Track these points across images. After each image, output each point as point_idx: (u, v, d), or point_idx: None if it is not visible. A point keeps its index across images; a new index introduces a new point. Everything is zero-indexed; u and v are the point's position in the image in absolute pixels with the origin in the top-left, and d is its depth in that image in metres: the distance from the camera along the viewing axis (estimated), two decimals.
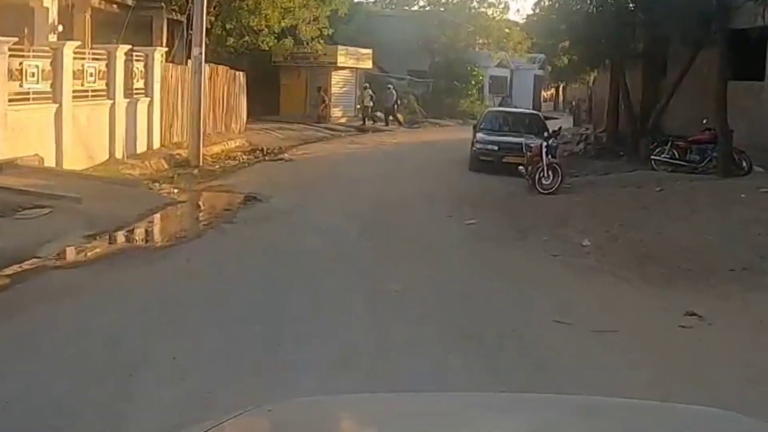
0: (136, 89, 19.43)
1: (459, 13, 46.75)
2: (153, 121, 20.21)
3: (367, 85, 36.65)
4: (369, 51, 38.29)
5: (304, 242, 10.74)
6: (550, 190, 15.68)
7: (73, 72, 16.19)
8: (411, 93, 42.17)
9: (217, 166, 20.21)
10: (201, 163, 20.21)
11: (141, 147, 19.71)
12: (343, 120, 37.28)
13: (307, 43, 31.57)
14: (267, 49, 29.58)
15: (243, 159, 22.35)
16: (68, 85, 15.86)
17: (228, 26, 27.47)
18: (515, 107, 57.46)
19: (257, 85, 35.32)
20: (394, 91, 37.22)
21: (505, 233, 11.47)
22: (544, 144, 16.36)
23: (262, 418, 2.23)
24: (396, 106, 37.18)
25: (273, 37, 29.04)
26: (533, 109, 61.50)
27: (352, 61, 37.02)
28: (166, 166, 19.48)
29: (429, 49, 46.20)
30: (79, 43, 16.25)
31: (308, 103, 36.66)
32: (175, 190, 15.20)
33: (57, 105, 15.57)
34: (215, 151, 23.33)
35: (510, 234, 11.41)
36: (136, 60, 19.32)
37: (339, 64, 36.04)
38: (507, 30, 45.92)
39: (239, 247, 10.56)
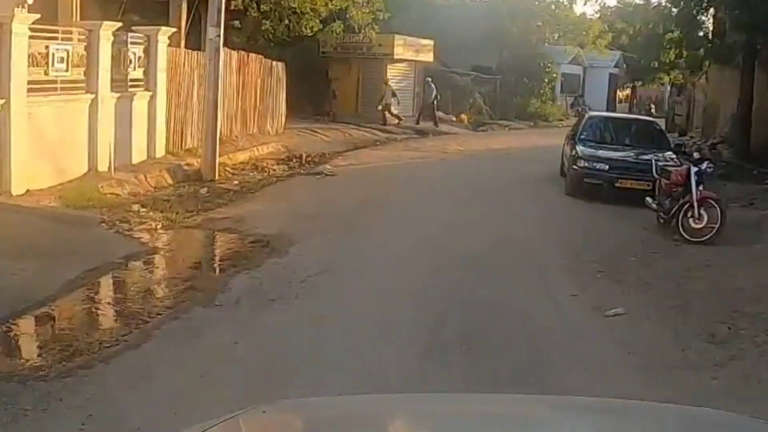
0: (132, 81, 14.88)
1: (532, 2, 41.65)
2: (156, 121, 15.66)
3: (429, 79, 31.76)
4: (430, 42, 33.41)
5: (326, 370, 5.77)
6: (704, 239, 10.69)
7: (31, 56, 11.63)
8: (477, 91, 37.14)
9: (237, 182, 15.59)
10: (216, 177, 15.66)
11: (138, 156, 15.17)
12: (401, 119, 32.45)
13: (360, 30, 26.85)
14: (311, 33, 24.90)
15: (273, 171, 17.71)
16: (20, 73, 11.32)
17: (263, 7, 22.85)
18: (588, 108, 52.54)
19: (303, 80, 30.99)
20: (434, 86, 31.96)
21: (690, 342, 6.48)
22: (694, 170, 11.30)
23: (257, 418, 2.17)
24: (435, 104, 31.96)
25: (318, 21, 24.36)
26: (607, 110, 56.63)
27: (410, 52, 32.19)
28: (169, 181, 14.93)
29: (497, 42, 41.08)
30: (37, 16, 11.65)
31: (360, 100, 31.94)
32: (156, 227, 10.54)
33: (2, 101, 11.03)
34: (240, 159, 18.72)
35: (699, 345, 6.40)
36: (133, 43, 14.73)
37: (396, 56, 31.24)
38: (588, 22, 40.61)
39: (196, 389, 5.40)
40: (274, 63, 23.25)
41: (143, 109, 15.26)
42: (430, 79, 31.63)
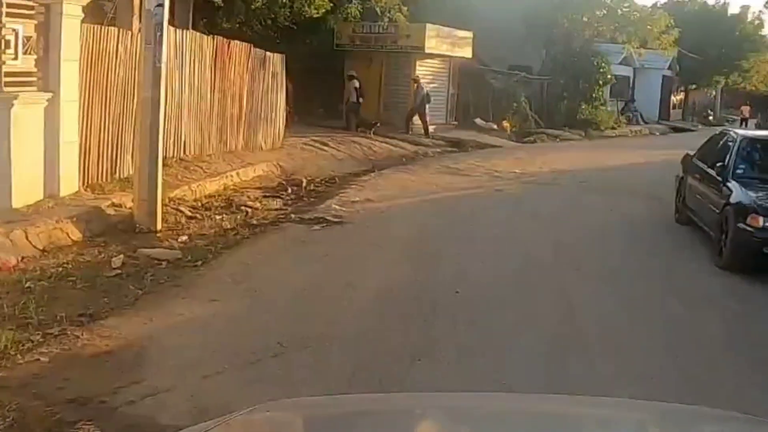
0: (13, 75, 9.12)
1: None
2: (60, 138, 9.87)
3: (353, 73, 25.18)
4: (468, 34, 27.50)
5: None
6: None
7: None
8: (522, 94, 31.16)
9: (186, 237, 9.81)
10: (158, 226, 9.99)
11: (26, 194, 9.43)
12: (431, 128, 26.56)
13: (383, 14, 21.09)
14: (318, 14, 19.22)
15: (253, 210, 11.97)
16: None
17: None
18: (641, 115, 46.52)
19: (314, 78, 25.27)
20: (423, 87, 25.25)
21: None
22: None
23: (260, 418, 2.17)
24: (426, 108, 25.55)
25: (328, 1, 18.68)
26: (660, 117, 50.50)
27: (445, 46, 26.29)
28: (75, 236, 9.20)
29: (542, 38, 35.04)
30: None
31: (382, 104, 26.07)
32: None
33: None
34: (210, 191, 13.00)
35: None
36: (13, 15, 9.01)
37: (427, 50, 25.34)
38: (654, 14, 34.59)
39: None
40: (269, 54, 17.42)
41: (35, 120, 9.48)
42: (417, 78, 25.27)
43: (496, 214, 12.24)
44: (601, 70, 34.82)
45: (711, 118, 53.29)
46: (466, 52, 27.54)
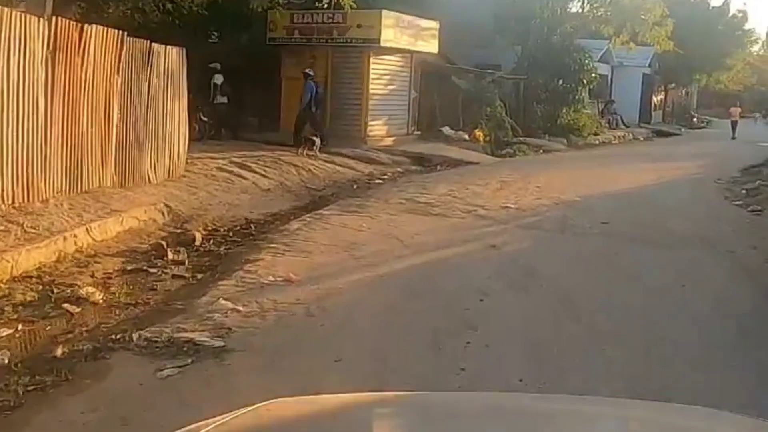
0: None
1: None
2: None
3: (310, 71, 19.81)
4: (434, 25, 22.44)
5: None
6: None
7: None
8: (497, 97, 26.17)
9: None
10: None
11: None
12: (390, 141, 21.54)
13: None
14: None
15: (80, 314, 6.76)
16: None
17: None
18: (621, 118, 41.90)
19: (245, 80, 20.32)
20: (313, 84, 19.55)
21: None
22: None
23: (261, 415, 2.11)
24: (317, 111, 19.92)
25: None
26: (640, 119, 45.92)
27: (406, 38, 21.20)
28: None
29: (516, 31, 30.12)
30: None
31: (330, 111, 20.93)
32: None
33: None
34: (26, 267, 7.77)
35: None
36: None
37: (384, 43, 20.25)
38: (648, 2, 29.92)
39: None
40: (158, 47, 12.21)
41: None
42: (308, 71, 20.16)
43: (506, 311, 7.08)
44: (585, 67, 30.04)
45: (695, 120, 48.88)
46: (431, 47, 22.48)
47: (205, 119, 18.54)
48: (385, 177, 17.22)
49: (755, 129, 44.54)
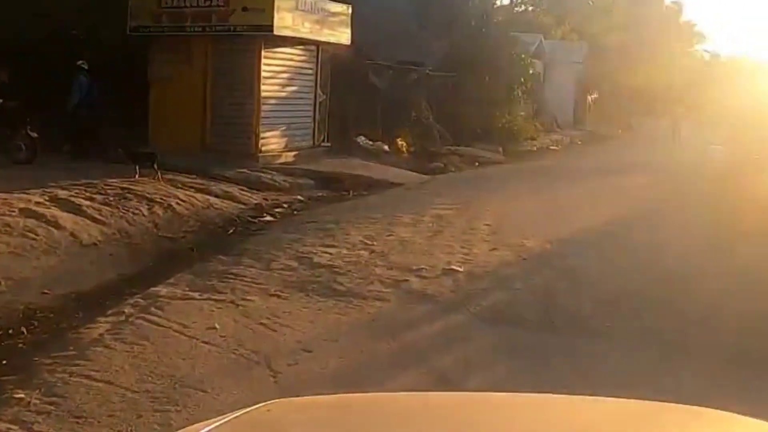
0: None
1: None
2: None
3: (82, 64, 15.24)
4: (344, 8, 17.90)
5: None
6: None
7: None
8: (423, 99, 21.78)
9: None
10: None
11: None
12: (291, 156, 16.97)
13: None
14: None
15: None
16: None
17: None
18: (555, 120, 38.18)
19: (110, 80, 15.68)
20: (83, 79, 15.09)
21: None
22: None
23: (261, 417, 2.12)
24: (92, 111, 15.15)
25: None
26: (575, 121, 42.19)
27: (309, 25, 16.61)
28: None
29: (441, 23, 25.87)
30: None
31: (211, 122, 16.26)
32: None
33: None
34: None
35: None
36: None
37: (278, 31, 15.61)
38: None
39: None
40: None
41: None
42: (81, 64, 15.17)
43: None
44: (523, 62, 25.97)
45: (631, 121, 45.35)
46: (342, 37, 17.93)
47: (34, 134, 13.66)
48: (279, 211, 12.61)
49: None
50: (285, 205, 13.12)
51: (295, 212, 12.63)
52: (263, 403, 2.17)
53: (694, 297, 7.50)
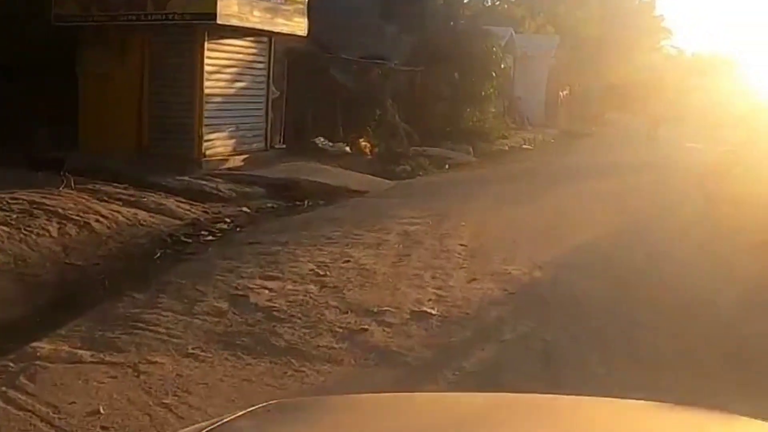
0: None
1: None
2: None
3: None
4: None
5: None
6: None
7: None
8: (388, 96, 20.02)
9: None
10: None
11: None
12: (240, 161, 15.16)
13: None
14: None
15: None
16: None
17: None
18: (527, 117, 36.69)
19: (22, 82, 13.78)
20: None
21: None
22: None
23: (260, 418, 2.11)
24: None
25: None
26: (547, 117, 40.71)
27: (258, 14, 14.75)
28: None
29: (407, 15, 24.17)
30: None
31: (147, 123, 14.41)
32: None
33: None
34: None
35: None
36: None
37: (223, 20, 13.74)
38: None
39: None
40: None
41: None
42: None
43: None
44: (495, 56, 24.33)
45: (603, 118, 43.88)
46: (298, 28, 16.10)
47: None
48: (220, 228, 10.80)
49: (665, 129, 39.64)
50: (227, 220, 11.31)
51: (239, 229, 10.82)
52: (263, 404, 2.17)
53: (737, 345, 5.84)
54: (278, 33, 15.66)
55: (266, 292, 7.25)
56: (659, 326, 6.48)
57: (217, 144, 14.78)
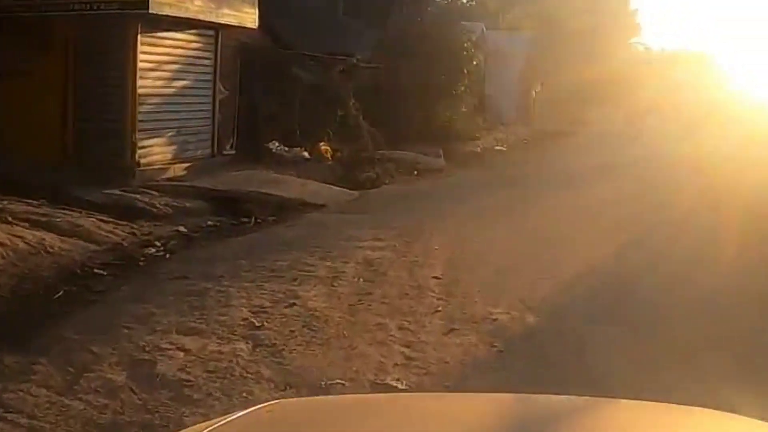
0: None
1: None
2: None
3: None
4: None
5: None
6: None
7: None
8: (351, 94, 18.30)
9: None
10: None
11: None
12: (181, 170, 13.35)
13: None
14: None
15: None
16: None
17: None
18: (500, 115, 35.17)
19: None
20: None
21: None
22: None
23: (261, 418, 2.11)
24: None
25: None
26: (521, 117, 39.25)
27: (200, 4, 12.95)
28: None
29: (371, 8, 22.54)
30: None
31: (73, 127, 12.57)
32: None
33: None
34: None
35: None
36: None
37: (156, 9, 11.91)
38: None
39: None
40: None
41: None
42: None
43: None
44: (467, 51, 22.72)
45: (582, 116, 42.35)
46: (247, 20, 14.33)
47: None
48: (146, 254, 9.02)
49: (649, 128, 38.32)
50: (158, 244, 9.53)
51: (168, 255, 9.05)
52: (265, 404, 2.20)
53: None
54: (225, 25, 13.88)
55: (181, 355, 5.51)
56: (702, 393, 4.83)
57: (155, 151, 12.98)
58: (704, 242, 9.50)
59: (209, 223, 11.03)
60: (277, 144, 15.63)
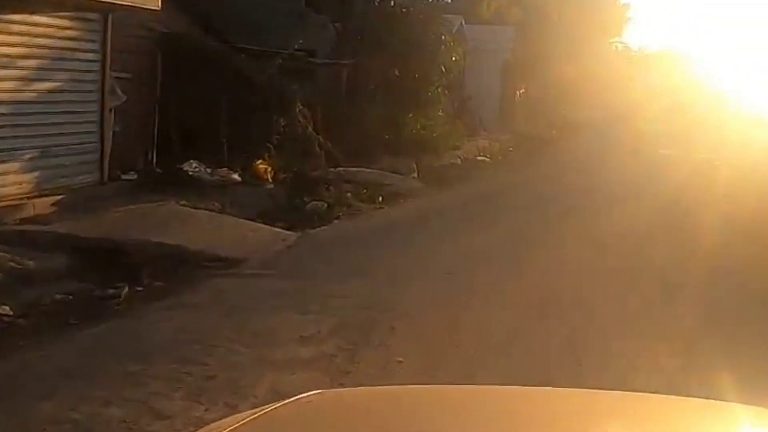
0: None
1: None
2: None
3: None
4: None
5: None
6: None
7: None
8: (297, 98, 14.54)
9: None
10: None
11: None
12: (50, 205, 9.52)
13: None
14: None
15: None
16: None
17: None
18: (480, 120, 31.73)
19: None
20: None
21: None
22: None
23: (302, 408, 2.09)
24: None
25: None
26: (503, 121, 35.83)
27: None
28: None
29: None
30: None
31: None
32: None
33: None
34: None
35: None
36: None
37: None
38: None
39: None
40: None
41: None
42: None
43: None
44: (444, 44, 19.11)
45: (567, 120, 38.92)
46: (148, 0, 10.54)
47: None
48: None
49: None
50: None
51: None
52: (304, 394, 2.15)
53: None
54: (117, 5, 10.11)
55: None
56: None
57: (8, 180, 9.20)
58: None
59: (57, 296, 7.27)
60: (195, 164, 11.86)
